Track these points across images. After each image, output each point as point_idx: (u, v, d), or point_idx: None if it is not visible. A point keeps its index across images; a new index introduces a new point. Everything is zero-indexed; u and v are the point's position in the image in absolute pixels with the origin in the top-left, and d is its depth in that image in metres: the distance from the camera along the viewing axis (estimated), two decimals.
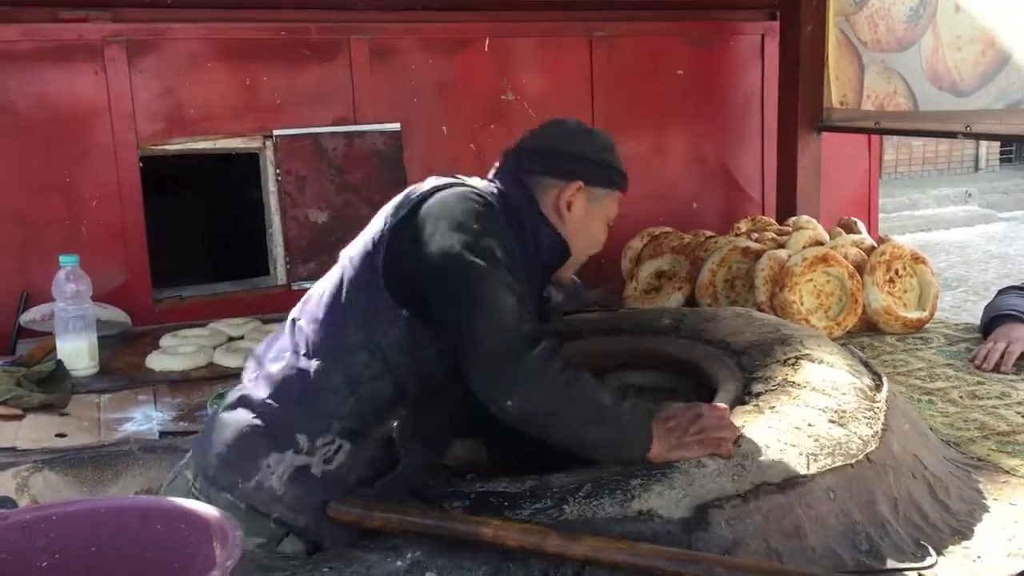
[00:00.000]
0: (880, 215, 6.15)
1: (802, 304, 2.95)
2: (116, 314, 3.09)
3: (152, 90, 3.22)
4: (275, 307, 3.23)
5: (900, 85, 3.39)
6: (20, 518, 1.12)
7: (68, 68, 3.12)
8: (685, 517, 1.56)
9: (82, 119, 3.16)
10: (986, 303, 2.98)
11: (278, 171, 3.38)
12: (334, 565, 1.62)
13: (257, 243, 3.60)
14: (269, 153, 3.39)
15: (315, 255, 3.41)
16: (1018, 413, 2.31)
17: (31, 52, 3.08)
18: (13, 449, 2.18)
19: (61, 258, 2.68)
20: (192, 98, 3.27)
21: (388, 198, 3.63)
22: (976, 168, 12.61)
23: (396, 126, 3.49)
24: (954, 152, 12.30)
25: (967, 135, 3.14)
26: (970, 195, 11.08)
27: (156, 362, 2.74)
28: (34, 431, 2.28)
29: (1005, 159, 13.07)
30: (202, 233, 4.88)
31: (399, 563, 1.60)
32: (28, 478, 2.09)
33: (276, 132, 3.35)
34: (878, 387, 2.01)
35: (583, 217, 1.83)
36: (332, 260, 1.82)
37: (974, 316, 6.38)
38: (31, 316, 2.98)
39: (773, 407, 1.87)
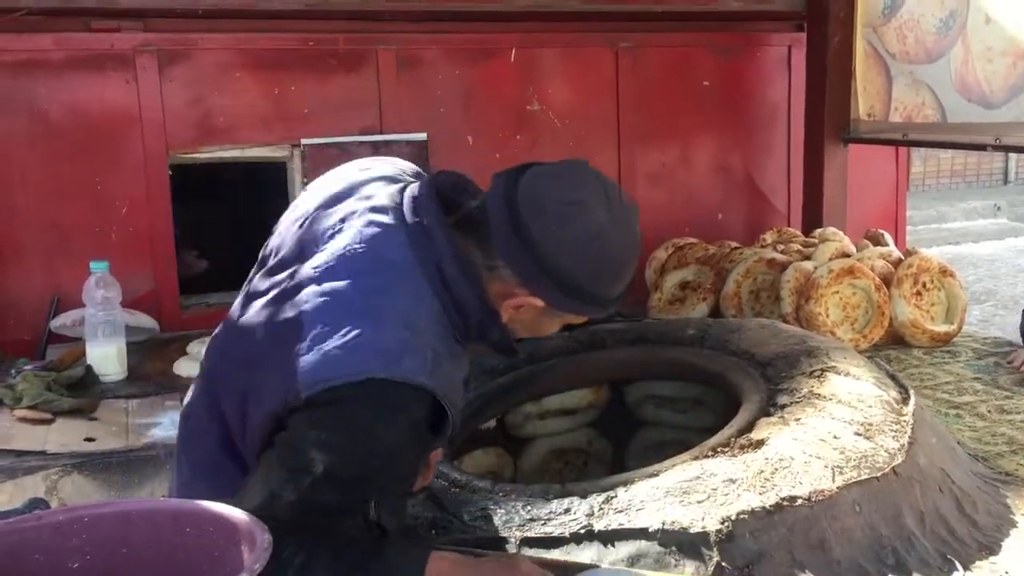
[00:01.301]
0: (908, 228, 6.10)
1: (828, 316, 2.94)
2: (144, 320, 3.13)
3: (182, 99, 3.26)
4: None
5: (929, 97, 3.37)
6: (53, 519, 1.14)
7: (100, 77, 3.16)
8: (711, 529, 1.55)
9: (113, 127, 3.20)
10: (1020, 312, 2.96)
11: (305, 180, 3.40)
12: None
13: None
14: (296, 162, 3.41)
15: None
16: None
17: (63, 61, 3.12)
18: (43, 453, 2.21)
19: (91, 264, 2.71)
20: (221, 107, 3.30)
21: None
22: (1005, 181, 12.48)
23: (422, 136, 3.51)
24: (983, 165, 12.18)
25: (997, 147, 3.12)
26: (999, 208, 10.96)
27: (183, 368, 2.77)
28: (63, 435, 2.31)
29: None
30: (229, 241, 4.92)
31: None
32: (57, 481, 2.12)
33: (304, 141, 3.38)
34: (905, 400, 1.99)
35: (530, 321, 1.51)
36: None
37: (1003, 330, 6.30)
38: (61, 321, 3.02)
39: (798, 419, 1.86)
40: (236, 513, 1.11)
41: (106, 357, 2.70)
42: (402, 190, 1.51)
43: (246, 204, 4.72)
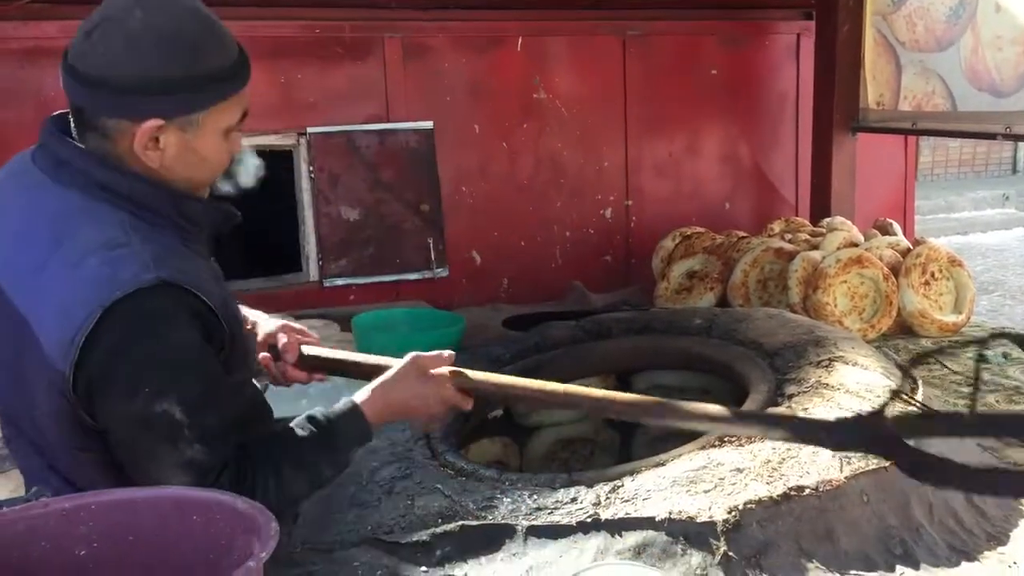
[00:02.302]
0: (915, 218, 6.07)
1: (836, 306, 2.93)
2: None
3: None
4: (307, 303, 3.25)
5: (938, 85, 3.35)
6: (59, 506, 1.14)
7: None
8: (718, 519, 1.55)
9: None
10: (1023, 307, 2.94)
11: (311, 168, 3.40)
12: (364, 559, 1.63)
13: (290, 240, 3.62)
14: (303, 150, 3.41)
15: (347, 252, 3.43)
16: None
17: None
18: None
19: None
20: None
21: (420, 196, 3.65)
22: (1014, 170, 12.41)
23: (429, 124, 3.50)
24: (992, 154, 12.12)
25: (1007, 136, 3.10)
26: (1007, 198, 10.91)
27: None
28: None
29: None
30: (235, 229, 4.91)
31: (430, 559, 1.61)
32: None
33: (310, 130, 3.38)
34: (913, 390, 1.99)
35: (183, 154, 1.42)
36: (364, 257, 1.80)
37: (1011, 320, 6.27)
38: None
39: (806, 408, 1.86)
40: (243, 502, 1.11)
41: None
42: (29, 153, 1.48)
43: (252, 193, 4.71)
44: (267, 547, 0.99)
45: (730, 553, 1.52)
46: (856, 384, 1.94)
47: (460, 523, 1.66)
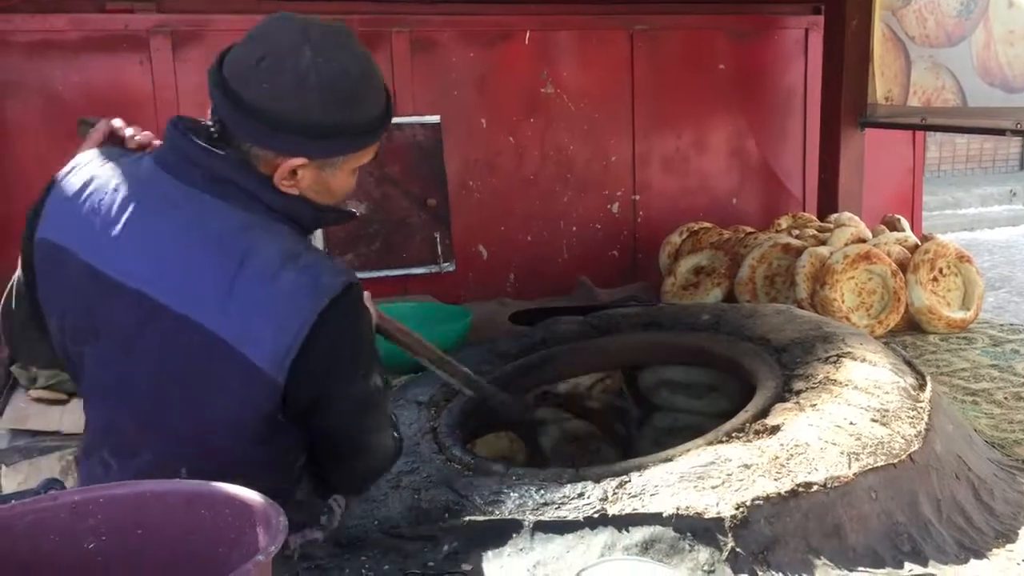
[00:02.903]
0: (923, 213, 6.04)
1: (843, 302, 2.92)
2: None
3: (195, 80, 3.24)
4: None
5: (949, 81, 3.33)
6: (68, 499, 1.14)
7: (113, 58, 3.16)
8: (726, 515, 1.55)
9: (127, 108, 3.18)
10: None
11: None
12: (371, 553, 1.63)
13: None
14: None
15: (354, 246, 3.42)
16: None
17: (77, 42, 3.12)
18: (57, 433, 2.22)
19: None
20: None
21: (427, 190, 3.64)
22: (1021, 166, 12.36)
23: (436, 118, 3.49)
24: (999, 150, 12.07)
25: (1016, 132, 3.08)
26: (1015, 194, 10.86)
27: None
28: (78, 415, 2.29)
29: None
30: None
31: (436, 554, 1.61)
32: (72, 462, 2.13)
33: None
34: (921, 387, 1.98)
35: (318, 184, 1.49)
36: (370, 251, 1.80)
37: (1017, 317, 6.25)
38: None
39: (814, 405, 1.85)
40: (252, 495, 1.11)
41: None
42: (152, 160, 1.48)
43: None
44: (276, 540, 0.99)
45: (738, 549, 1.52)
46: (864, 380, 1.94)
47: (467, 518, 1.66)
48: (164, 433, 1.47)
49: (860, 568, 1.56)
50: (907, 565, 1.59)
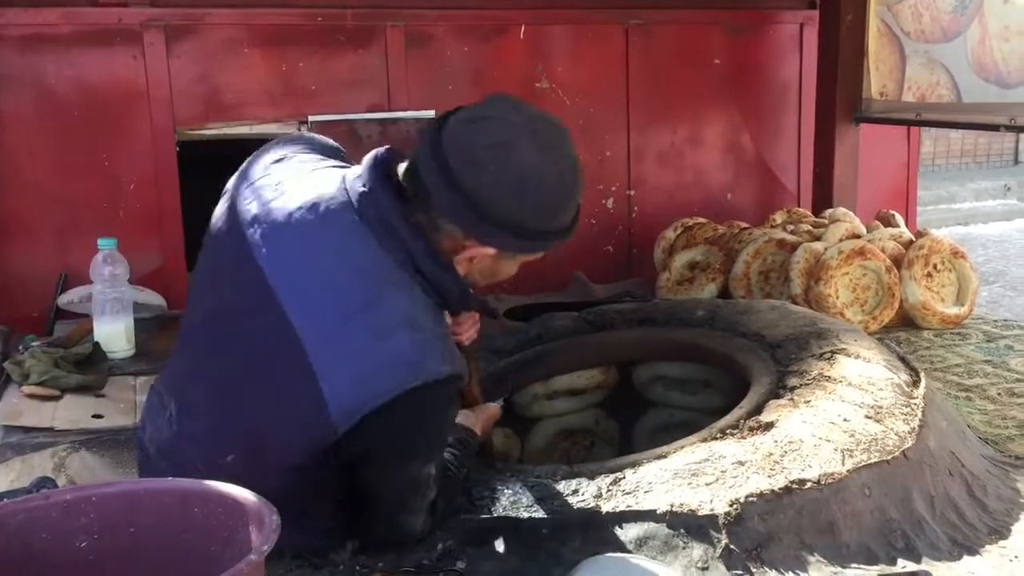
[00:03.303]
0: (917, 208, 6.04)
1: (838, 298, 2.92)
2: (152, 297, 3.12)
3: (189, 75, 3.24)
4: None
5: (943, 76, 3.34)
6: (61, 498, 1.14)
7: (107, 52, 3.14)
8: (720, 511, 1.55)
9: (120, 103, 3.18)
10: None
11: None
12: (367, 551, 1.63)
13: None
14: None
15: None
16: None
17: (71, 36, 3.10)
18: (50, 429, 2.21)
19: (99, 241, 2.70)
20: (229, 83, 3.28)
21: None
22: (1016, 161, 12.38)
23: (430, 113, 3.48)
24: (993, 145, 12.08)
25: (1010, 128, 3.09)
26: (1009, 189, 10.87)
27: None
28: (71, 412, 2.31)
29: None
30: None
31: (431, 551, 1.61)
32: (65, 458, 2.12)
33: (311, 118, 3.36)
34: (915, 383, 1.98)
35: (487, 269, 1.55)
36: None
37: (1011, 311, 6.25)
38: (69, 298, 3.02)
39: (808, 401, 1.85)
40: (245, 494, 1.11)
41: (114, 334, 2.70)
42: (343, 179, 1.51)
43: None
44: (268, 540, 0.99)
45: (731, 546, 1.52)
46: (858, 377, 1.94)
47: (461, 516, 1.66)
48: (226, 414, 1.48)
49: (853, 564, 1.57)
50: (900, 561, 1.59)
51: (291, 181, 1.54)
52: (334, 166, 1.59)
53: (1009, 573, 1.58)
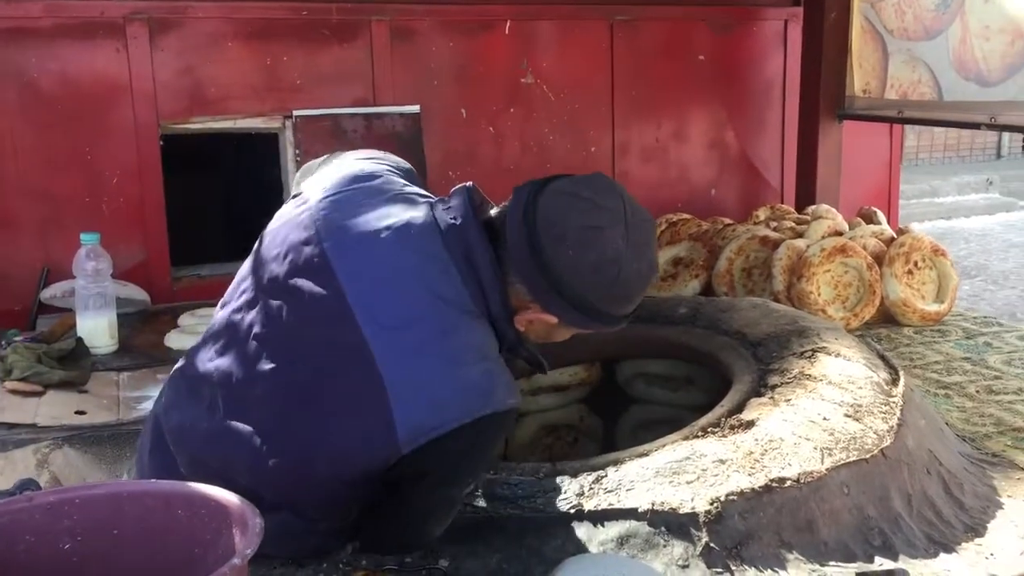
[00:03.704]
0: (900, 203, 6.07)
1: (819, 295, 2.95)
2: (135, 292, 3.12)
3: (173, 69, 3.22)
4: None
5: (925, 74, 3.36)
6: (44, 500, 1.14)
7: (90, 45, 3.12)
8: (700, 510, 1.56)
9: (103, 96, 3.17)
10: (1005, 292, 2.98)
11: (297, 151, 3.38)
12: (350, 548, 1.64)
13: None
14: (288, 133, 3.39)
15: None
16: None
17: (53, 29, 3.08)
18: (33, 426, 2.20)
19: (82, 236, 2.69)
20: (213, 77, 3.27)
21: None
22: (998, 156, 12.47)
23: (415, 108, 3.48)
24: (976, 139, 12.16)
25: (991, 126, 3.12)
26: (991, 183, 10.96)
27: (175, 341, 2.76)
28: (54, 408, 2.30)
29: None
30: (221, 212, 4.90)
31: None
32: (48, 455, 2.12)
33: (296, 112, 3.36)
34: (895, 381, 2.00)
35: (543, 332, 1.58)
36: None
37: (992, 305, 6.30)
38: (51, 292, 3.01)
39: (789, 400, 1.87)
40: (229, 496, 1.11)
41: (97, 329, 2.69)
42: (431, 207, 1.55)
43: (238, 175, 4.70)
44: (252, 543, 1.00)
45: (711, 544, 1.54)
46: (839, 375, 1.96)
47: None
48: (284, 420, 1.48)
49: (831, 562, 1.58)
50: (877, 559, 1.61)
51: (379, 199, 1.56)
52: (418, 193, 1.62)
53: (985, 570, 1.60)
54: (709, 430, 1.81)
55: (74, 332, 2.70)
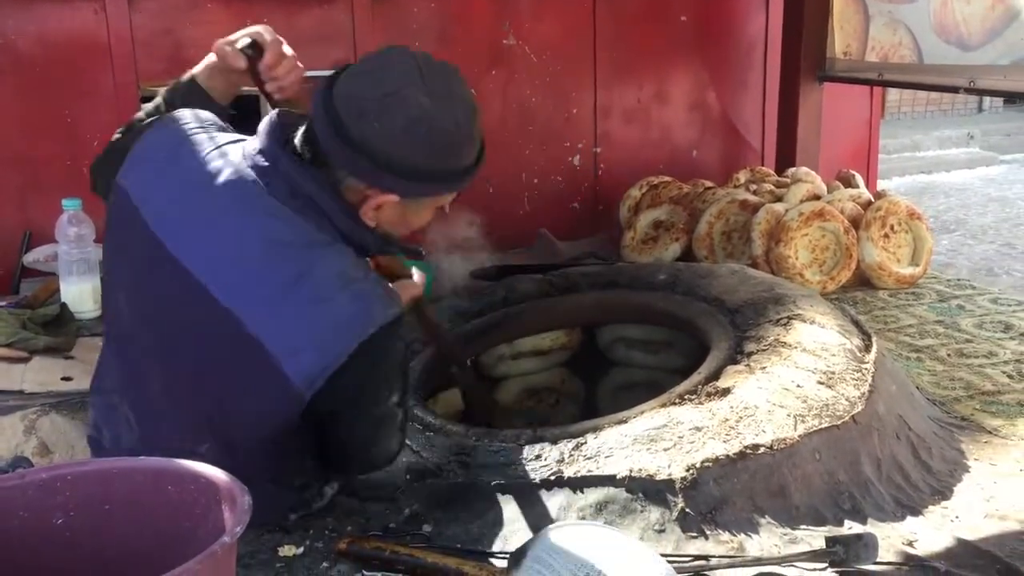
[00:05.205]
0: (881, 156, 6.09)
1: (797, 259, 2.99)
2: None
3: (151, 29, 3.19)
4: None
5: (906, 37, 3.37)
6: (36, 477, 1.16)
7: (68, 6, 3.08)
8: (677, 476, 1.61)
9: (82, 58, 3.14)
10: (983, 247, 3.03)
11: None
12: (335, 515, 1.68)
13: None
14: None
15: None
16: (1004, 372, 2.36)
17: None
18: (20, 392, 2.22)
19: (64, 202, 2.69)
20: (192, 38, 3.23)
21: None
22: (979, 110, 12.51)
23: None
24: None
25: (970, 91, 3.14)
26: (972, 137, 11.01)
27: None
28: (40, 374, 2.32)
29: (1009, 101, 12.93)
30: None
31: (397, 515, 1.66)
32: (35, 421, 2.15)
33: None
34: (867, 348, 2.05)
35: (399, 217, 1.58)
36: None
37: (970, 259, 6.37)
38: (34, 256, 3.01)
39: (764, 367, 1.91)
40: (217, 473, 1.14)
41: (81, 295, 2.70)
42: (243, 154, 1.54)
43: None
44: (241, 521, 1.03)
45: (687, 509, 1.59)
46: (813, 343, 2.00)
47: (428, 480, 1.71)
48: (189, 409, 1.52)
49: (802, 526, 1.64)
50: (847, 523, 1.67)
51: (194, 166, 1.54)
52: (230, 141, 1.59)
53: (950, 533, 1.66)
54: (686, 397, 1.85)
55: (58, 297, 2.71)
